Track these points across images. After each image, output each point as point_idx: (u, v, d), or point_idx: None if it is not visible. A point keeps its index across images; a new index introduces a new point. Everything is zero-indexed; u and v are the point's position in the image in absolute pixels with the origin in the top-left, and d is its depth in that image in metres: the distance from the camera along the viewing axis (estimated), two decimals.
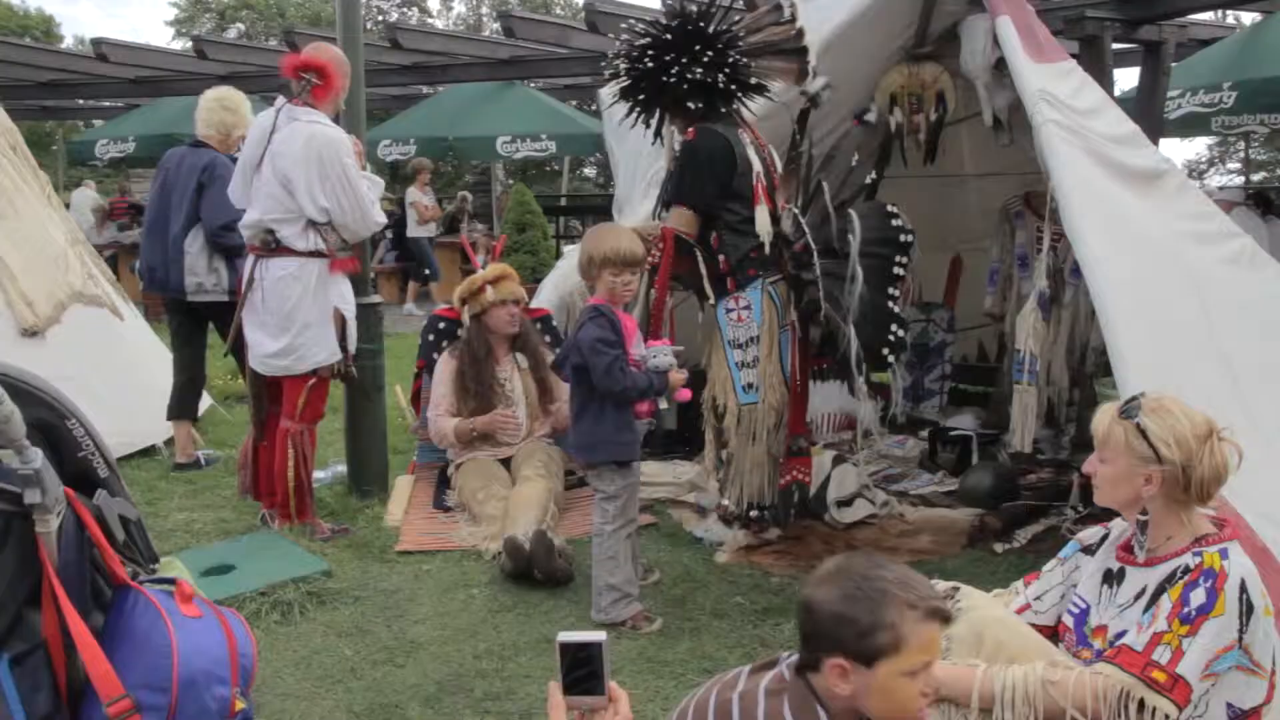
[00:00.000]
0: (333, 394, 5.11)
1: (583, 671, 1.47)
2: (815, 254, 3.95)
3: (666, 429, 5.31)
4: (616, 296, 3.67)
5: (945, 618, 1.79)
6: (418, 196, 12.75)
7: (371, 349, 4.97)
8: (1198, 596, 2.18)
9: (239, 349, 4.75)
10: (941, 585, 2.44)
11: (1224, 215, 4.39)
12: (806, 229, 4.01)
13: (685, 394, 3.85)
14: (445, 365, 5.12)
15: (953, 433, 5.45)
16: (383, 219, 4.69)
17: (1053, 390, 5.20)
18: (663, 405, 3.81)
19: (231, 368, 6.97)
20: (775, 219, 4.03)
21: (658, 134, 4.26)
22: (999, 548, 4.31)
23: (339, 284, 4.51)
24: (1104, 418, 2.33)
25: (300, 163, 4.27)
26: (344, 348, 4.55)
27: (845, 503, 4.64)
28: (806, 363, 4.26)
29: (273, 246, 4.37)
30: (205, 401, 6.59)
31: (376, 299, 5.18)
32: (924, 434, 5.68)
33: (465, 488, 4.81)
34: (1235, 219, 5.34)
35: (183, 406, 5.75)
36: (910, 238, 4.06)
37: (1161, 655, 2.16)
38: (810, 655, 1.80)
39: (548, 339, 5.36)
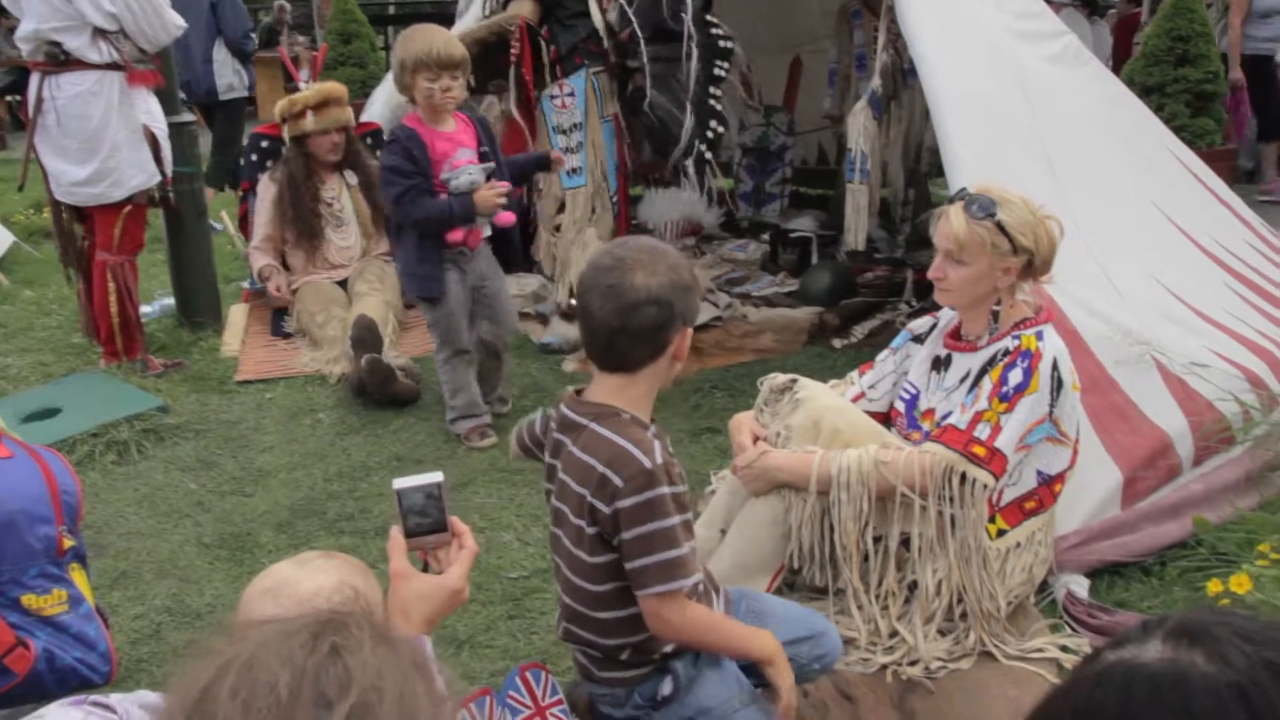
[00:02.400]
0: (153, 224, 4.80)
1: (423, 513, 1.44)
2: (642, 42, 3.93)
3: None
4: (437, 106, 3.36)
5: None
6: None
7: (189, 171, 4.64)
8: (1015, 376, 2.32)
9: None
10: (780, 378, 2.52)
11: (1052, 14, 4.46)
12: (634, 17, 3.97)
13: (506, 217, 3.53)
14: (265, 190, 4.84)
15: (793, 235, 5.56)
16: (182, 23, 4.27)
17: (889, 190, 5.32)
18: (486, 232, 3.53)
19: (33, 200, 6.44)
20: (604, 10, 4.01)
21: None
22: (837, 343, 4.49)
23: (145, 99, 4.13)
24: (959, 222, 2.30)
25: None
26: (160, 171, 4.22)
27: None
28: (635, 154, 4.31)
29: (61, 60, 3.94)
30: (6, 239, 6.09)
31: (189, 117, 4.81)
32: (765, 237, 5.77)
33: (303, 312, 4.65)
34: (1063, 19, 5.45)
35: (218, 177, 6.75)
36: (731, 44, 4.11)
37: (982, 432, 2.31)
38: (656, 345, 1.77)
39: (379, 154, 5.11)
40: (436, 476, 1.44)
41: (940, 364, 2.54)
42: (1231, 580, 2.34)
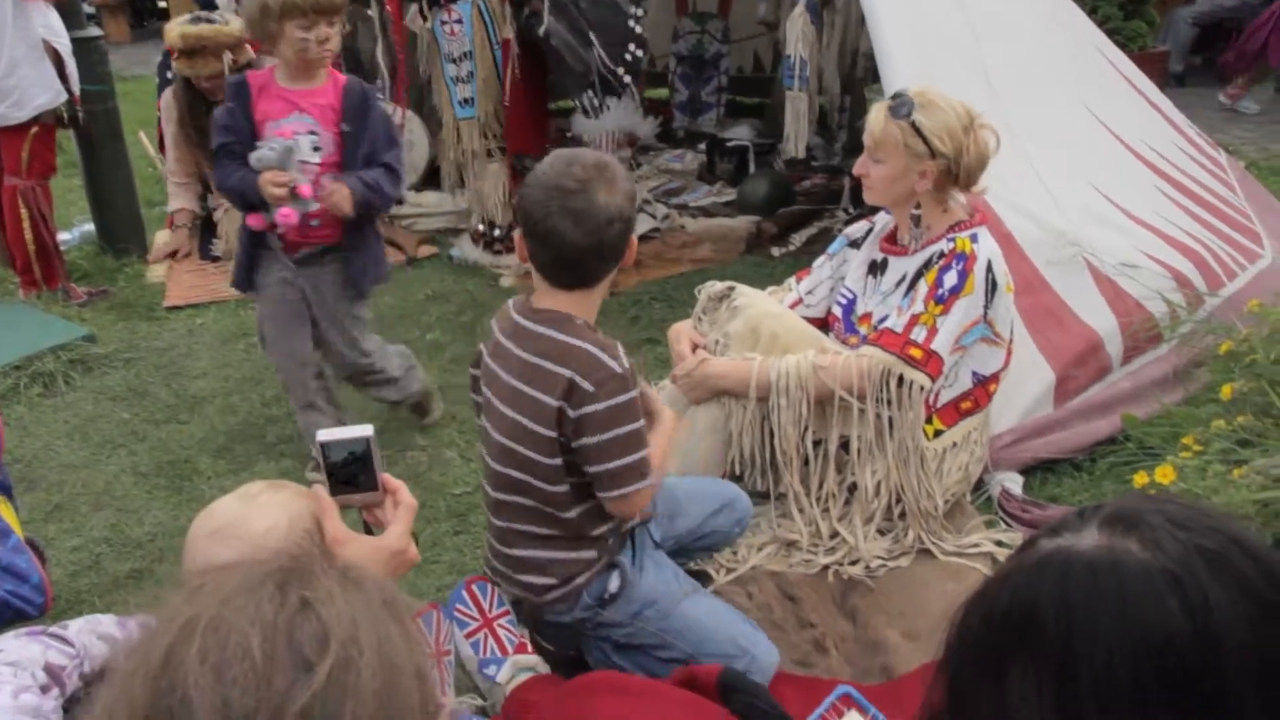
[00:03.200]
0: (66, 148, 4.62)
1: (350, 469, 1.33)
2: None
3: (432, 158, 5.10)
4: (311, 60, 2.62)
5: None
6: None
7: (100, 90, 4.44)
8: (950, 279, 2.34)
9: None
10: (718, 286, 2.52)
11: None
12: None
13: (286, 215, 2.60)
14: (168, 107, 4.63)
15: (730, 144, 5.50)
16: None
17: (825, 98, 5.27)
18: (291, 220, 2.63)
19: None
20: None
21: None
22: (776, 251, 4.48)
23: (43, 12, 3.92)
24: (877, 119, 2.35)
25: None
26: (66, 89, 4.03)
27: None
28: (533, 80, 4.20)
29: None
30: None
31: (95, 32, 4.56)
32: (702, 147, 5.70)
33: (231, 233, 4.51)
34: None
35: None
36: None
37: (918, 334, 2.33)
38: (618, 258, 1.82)
39: None
40: (366, 430, 1.33)
41: (877, 268, 2.55)
42: (1157, 472, 2.41)
